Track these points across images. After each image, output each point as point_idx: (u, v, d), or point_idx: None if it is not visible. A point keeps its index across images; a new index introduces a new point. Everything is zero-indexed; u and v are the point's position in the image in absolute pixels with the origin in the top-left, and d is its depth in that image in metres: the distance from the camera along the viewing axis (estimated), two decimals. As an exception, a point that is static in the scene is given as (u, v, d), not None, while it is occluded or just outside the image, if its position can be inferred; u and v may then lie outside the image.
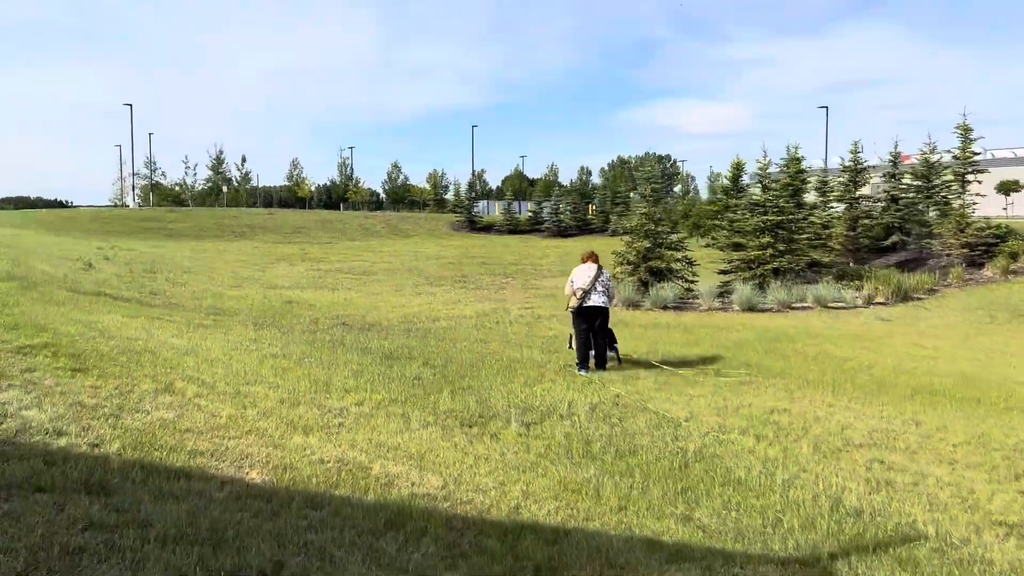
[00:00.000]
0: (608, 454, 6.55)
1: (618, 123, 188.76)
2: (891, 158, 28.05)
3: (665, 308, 16.65)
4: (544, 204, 61.34)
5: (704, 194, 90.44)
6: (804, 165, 23.33)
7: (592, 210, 61.44)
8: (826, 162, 62.35)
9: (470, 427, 7.34)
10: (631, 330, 13.90)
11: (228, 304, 16.18)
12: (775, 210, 19.71)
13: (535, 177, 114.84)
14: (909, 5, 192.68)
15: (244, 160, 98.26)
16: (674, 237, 19.52)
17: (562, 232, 57.70)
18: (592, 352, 10.54)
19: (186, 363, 8.91)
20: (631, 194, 61.17)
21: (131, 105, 72.60)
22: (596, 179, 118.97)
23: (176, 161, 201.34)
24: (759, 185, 21.91)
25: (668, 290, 17.18)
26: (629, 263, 18.71)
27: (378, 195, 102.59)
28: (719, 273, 20.48)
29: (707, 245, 32.76)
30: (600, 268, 10.95)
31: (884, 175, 27.63)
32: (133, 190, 78.71)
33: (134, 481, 4.76)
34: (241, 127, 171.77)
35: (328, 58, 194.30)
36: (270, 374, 8.93)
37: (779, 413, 8.06)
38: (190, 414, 6.74)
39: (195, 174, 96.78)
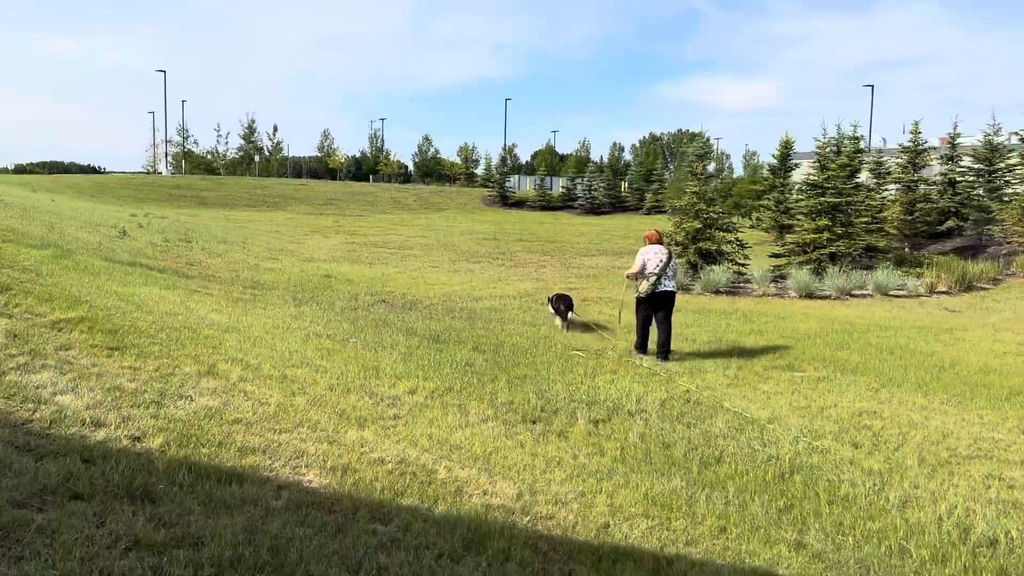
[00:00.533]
0: (692, 461, 5.92)
1: (650, 98, 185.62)
2: (949, 139, 26.81)
3: (717, 292, 15.91)
4: (577, 181, 60.38)
5: (738, 172, 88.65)
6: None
7: (624, 188, 60.38)
8: (870, 142, 60.59)
9: (533, 423, 6.75)
10: (685, 316, 13.20)
11: (265, 277, 15.72)
12: (833, 191, 18.77)
13: (566, 152, 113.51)
14: None
15: (276, 130, 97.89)
16: (727, 218, 18.67)
17: (595, 209, 56.81)
18: (647, 339, 10.13)
19: (228, 342, 8.41)
20: (665, 172, 59.94)
21: (164, 71, 72.59)
22: (627, 155, 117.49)
23: (207, 129, 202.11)
24: (815, 164, 20.85)
25: (720, 273, 16.41)
26: (677, 244, 17.93)
27: (406, 168, 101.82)
28: (771, 257, 19.64)
29: (751, 226, 31.78)
30: (671, 250, 10.34)
31: (941, 157, 26.42)
32: (166, 157, 78.87)
33: (181, 486, 4.22)
34: (272, 97, 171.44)
35: (360, 28, 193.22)
36: (316, 356, 8.40)
37: (869, 416, 7.37)
38: (236, 401, 6.22)
39: (227, 142, 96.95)
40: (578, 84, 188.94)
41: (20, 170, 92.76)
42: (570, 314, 11.84)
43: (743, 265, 17.90)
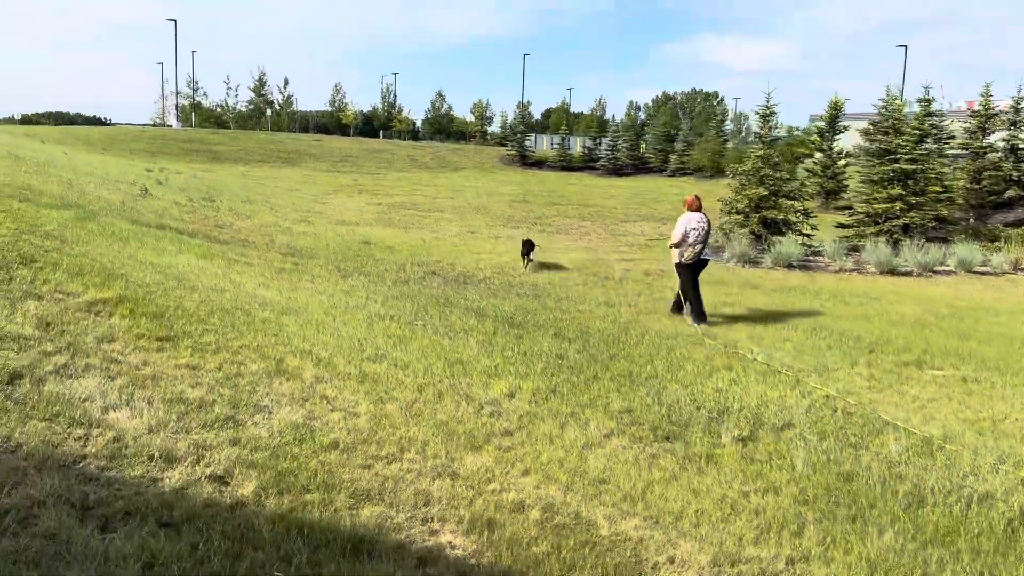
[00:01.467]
0: (890, 502, 4.79)
1: (660, 57, 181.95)
2: (1013, 104, 25.24)
3: (789, 267, 14.68)
4: (599, 140, 58.66)
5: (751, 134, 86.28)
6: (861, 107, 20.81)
7: (643, 148, 58.61)
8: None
9: (667, 440, 5.62)
10: (766, 296, 12.02)
11: (301, 243, 14.54)
12: (907, 158, 17.39)
13: (579, 111, 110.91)
14: None
15: (286, 83, 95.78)
16: (793, 184, 17.30)
17: (617, 170, 55.23)
18: (702, 304, 10.07)
19: (288, 327, 7.28)
20: (679, 132, 57.91)
21: (175, 21, 70.43)
22: (641, 115, 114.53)
23: (215, 82, 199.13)
24: (883, 128, 19.35)
25: (790, 246, 15.17)
26: (738, 212, 16.64)
27: (413, 124, 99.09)
28: (838, 227, 18.34)
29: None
30: (708, 218, 10.41)
31: (1007, 123, 24.87)
32: (176, 109, 77.07)
33: (299, 567, 3.10)
34: (277, 51, 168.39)
35: None
36: (387, 344, 7.27)
37: (1059, 433, 6.22)
38: (321, 412, 5.10)
39: (236, 95, 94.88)
40: (586, 42, 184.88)
41: (26, 120, 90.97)
42: (531, 254, 13.58)
43: (808, 236, 16.63)
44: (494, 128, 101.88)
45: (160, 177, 25.25)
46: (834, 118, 28.30)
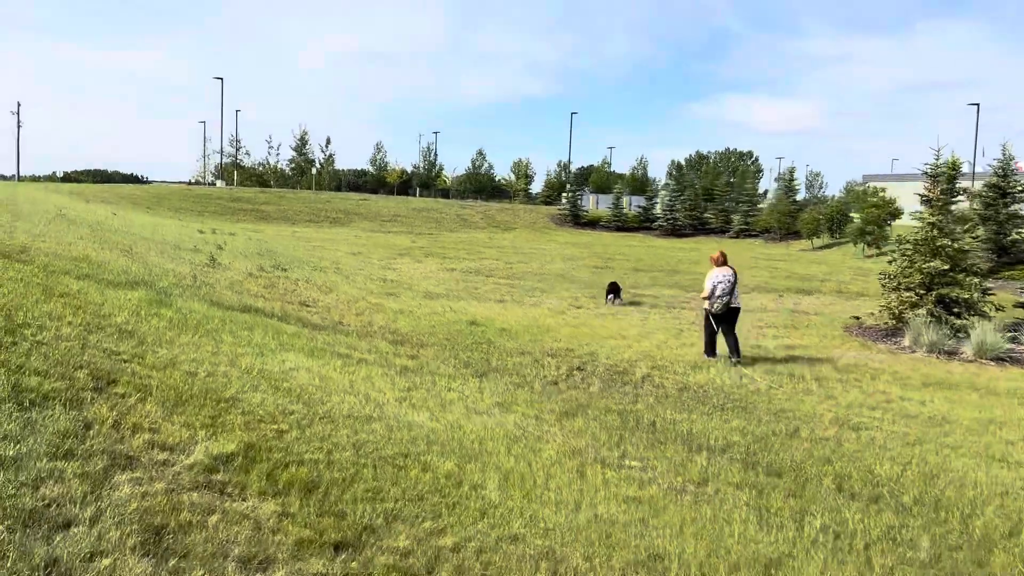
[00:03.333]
0: None
1: (685, 117, 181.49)
2: None
3: (999, 360, 11.97)
4: (655, 200, 56.49)
5: (801, 194, 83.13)
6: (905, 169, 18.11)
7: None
8: (974, 167, 55.85)
9: None
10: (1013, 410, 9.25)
11: (403, 325, 12.16)
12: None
13: (618, 170, 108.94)
14: (991, 6, 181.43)
15: (328, 142, 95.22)
16: (974, 257, 14.60)
17: (676, 231, 52.92)
18: (715, 345, 11.37)
19: (488, 491, 4.79)
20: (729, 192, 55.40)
21: (222, 79, 70.45)
22: (658, 174, 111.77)
23: (254, 141, 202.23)
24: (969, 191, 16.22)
25: (989, 332, 12.49)
26: (907, 289, 14.00)
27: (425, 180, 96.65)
28: (1018, 307, 15.59)
29: (890, 261, 27.59)
30: (735, 271, 11.43)
31: None
32: (221, 168, 76.64)
33: None
34: (311, 110, 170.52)
35: (398, 44, 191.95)
36: (633, 519, 4.74)
37: None
38: None
39: (278, 154, 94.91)
40: (612, 102, 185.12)
41: (67, 178, 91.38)
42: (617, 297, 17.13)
43: (988, 318, 13.91)
44: (534, 186, 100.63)
45: (216, 240, 23.29)
46: (951, 179, 25.70)
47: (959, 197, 24.91)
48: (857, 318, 15.48)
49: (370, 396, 6.84)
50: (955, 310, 13.78)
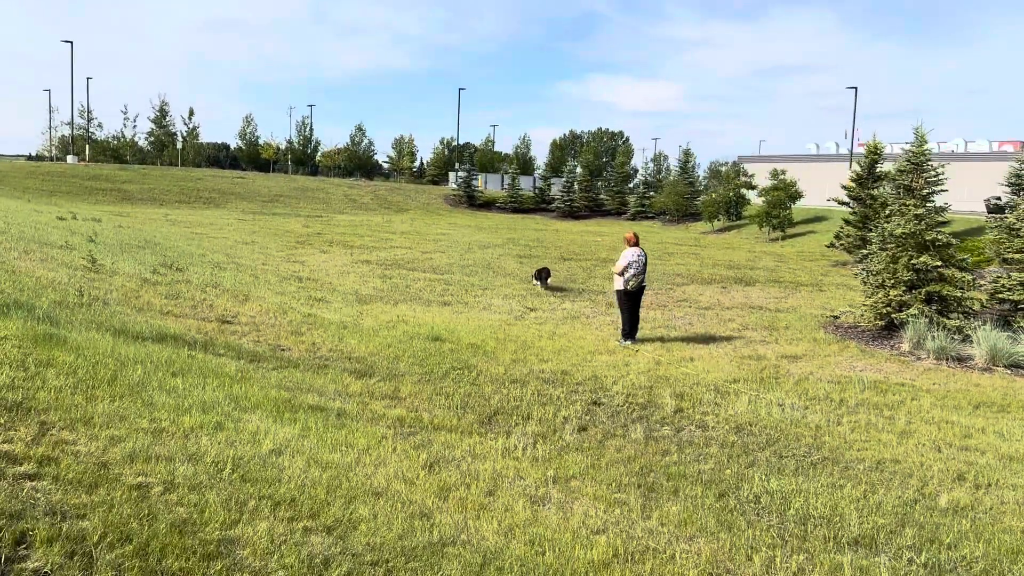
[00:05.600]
0: None
1: (554, 95, 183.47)
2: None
3: (1015, 367, 11.12)
4: (552, 181, 55.30)
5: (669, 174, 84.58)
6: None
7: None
8: (852, 146, 58.10)
9: None
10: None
11: (354, 346, 9.91)
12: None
13: (501, 150, 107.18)
14: None
15: (192, 114, 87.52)
16: (960, 251, 13.74)
17: (573, 213, 52.01)
18: (635, 328, 12.08)
19: None
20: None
21: (72, 43, 62.97)
22: (539, 153, 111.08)
23: (102, 112, 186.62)
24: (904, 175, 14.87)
25: (1003, 339, 11.58)
26: (891, 285, 13.00)
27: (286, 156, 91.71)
28: (997, 302, 14.98)
29: (828, 245, 27.45)
30: (645, 252, 12.18)
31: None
32: (72, 142, 68.97)
33: None
34: (166, 79, 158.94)
35: (257, 13, 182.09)
36: None
37: None
38: None
39: (135, 126, 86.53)
40: (481, 78, 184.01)
41: None
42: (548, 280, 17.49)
43: (970, 316, 13.18)
44: (418, 165, 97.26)
45: (83, 229, 19.76)
46: (873, 164, 25.62)
47: (881, 180, 24.80)
48: (835, 317, 14.48)
49: (401, 496, 4.73)
50: (948, 310, 12.90)
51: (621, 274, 11.88)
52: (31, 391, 5.09)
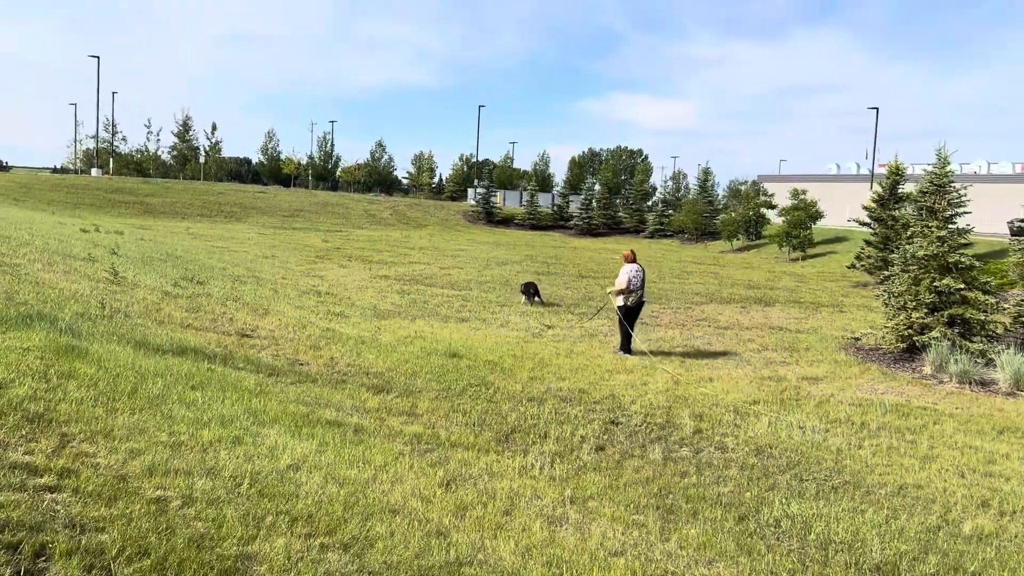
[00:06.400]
0: None
1: (578, 113, 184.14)
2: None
3: (1039, 391, 10.95)
4: (572, 198, 55.35)
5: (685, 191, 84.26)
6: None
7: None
8: (872, 168, 57.77)
9: None
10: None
11: (372, 361, 9.92)
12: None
13: (520, 167, 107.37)
14: (861, 16, 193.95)
15: (215, 128, 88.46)
16: (982, 273, 13.59)
17: (591, 231, 51.97)
18: (631, 342, 12.36)
19: None
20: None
21: (98, 57, 64.10)
22: (558, 170, 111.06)
23: (125, 126, 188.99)
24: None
25: (1022, 362, 11.45)
26: (913, 307, 12.84)
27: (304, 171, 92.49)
28: (1015, 322, 14.74)
29: (849, 266, 27.22)
30: (643, 268, 12.60)
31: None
32: (96, 155, 70.01)
33: None
34: (191, 95, 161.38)
35: (278, 27, 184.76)
36: None
37: None
38: None
39: (158, 140, 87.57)
40: (506, 96, 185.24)
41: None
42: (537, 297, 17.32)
43: (993, 340, 13.01)
44: (437, 181, 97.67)
45: (106, 241, 19.99)
46: (895, 184, 25.42)
47: (903, 202, 24.58)
48: (856, 338, 14.32)
49: (418, 514, 4.70)
50: (971, 333, 12.72)
51: (622, 292, 12.18)
52: (52, 403, 5.13)
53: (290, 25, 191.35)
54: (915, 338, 12.83)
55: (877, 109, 54.56)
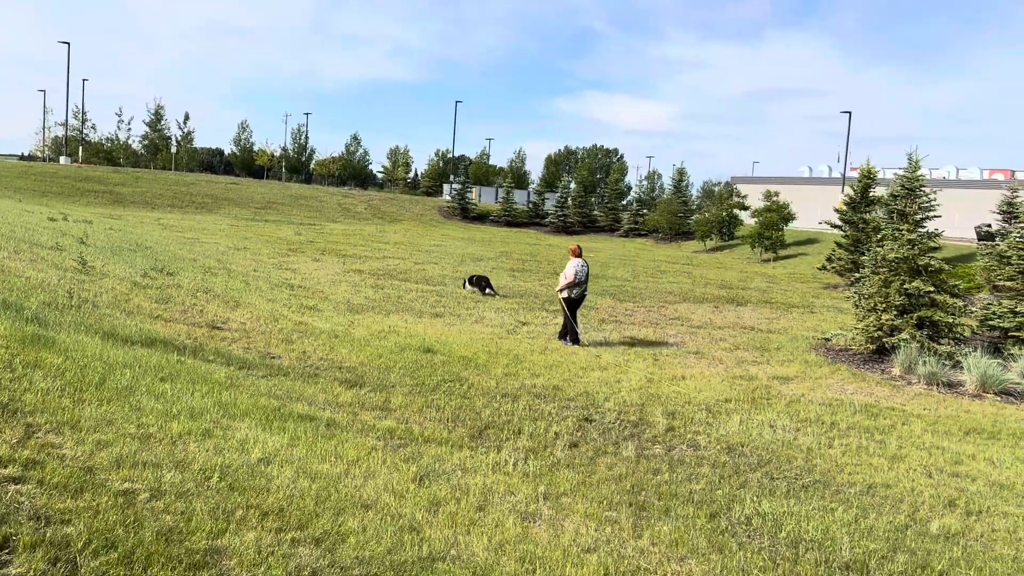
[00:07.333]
0: None
1: (550, 111, 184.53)
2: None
3: (1005, 394, 11.15)
4: (547, 196, 55.43)
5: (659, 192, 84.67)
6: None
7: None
8: (845, 170, 58.52)
9: None
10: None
11: (345, 355, 9.85)
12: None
13: (496, 163, 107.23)
14: (837, 21, 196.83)
15: (187, 118, 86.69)
16: (949, 275, 13.78)
17: (567, 228, 52.07)
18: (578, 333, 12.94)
19: None
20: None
21: (68, 43, 62.84)
22: (534, 167, 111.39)
23: (95, 114, 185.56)
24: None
25: (993, 366, 11.64)
26: (883, 309, 13.02)
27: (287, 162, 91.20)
28: (987, 329, 15.01)
29: (820, 268, 27.54)
30: (587, 262, 13.40)
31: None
32: (65, 143, 68.68)
33: None
34: (162, 83, 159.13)
35: (256, 20, 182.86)
36: None
37: None
38: None
39: (129, 129, 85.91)
40: (483, 93, 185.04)
41: None
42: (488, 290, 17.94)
43: (960, 342, 13.24)
44: (412, 176, 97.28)
45: (74, 231, 19.64)
46: (866, 188, 25.78)
47: (874, 205, 24.94)
48: (827, 339, 14.49)
49: (391, 509, 4.67)
50: (939, 335, 12.92)
51: (570, 285, 12.84)
52: (18, 392, 5.01)
53: (267, 17, 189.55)
54: (884, 340, 13.02)
55: (850, 113, 55.35)
